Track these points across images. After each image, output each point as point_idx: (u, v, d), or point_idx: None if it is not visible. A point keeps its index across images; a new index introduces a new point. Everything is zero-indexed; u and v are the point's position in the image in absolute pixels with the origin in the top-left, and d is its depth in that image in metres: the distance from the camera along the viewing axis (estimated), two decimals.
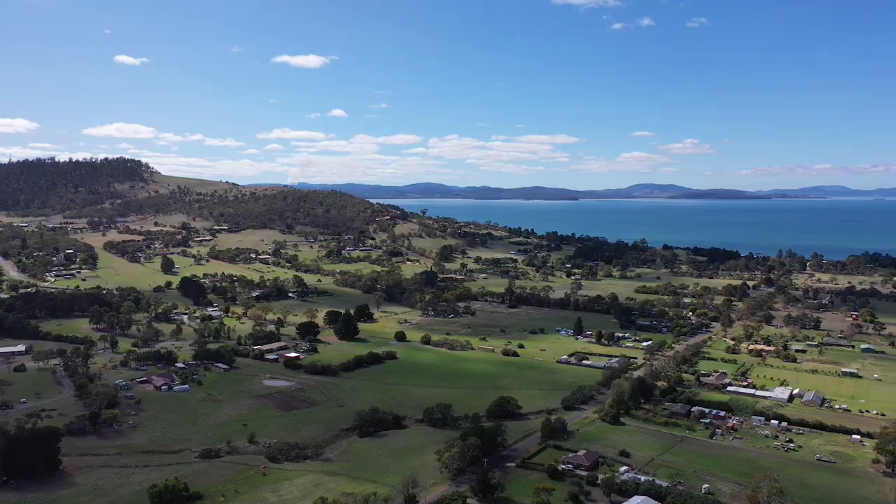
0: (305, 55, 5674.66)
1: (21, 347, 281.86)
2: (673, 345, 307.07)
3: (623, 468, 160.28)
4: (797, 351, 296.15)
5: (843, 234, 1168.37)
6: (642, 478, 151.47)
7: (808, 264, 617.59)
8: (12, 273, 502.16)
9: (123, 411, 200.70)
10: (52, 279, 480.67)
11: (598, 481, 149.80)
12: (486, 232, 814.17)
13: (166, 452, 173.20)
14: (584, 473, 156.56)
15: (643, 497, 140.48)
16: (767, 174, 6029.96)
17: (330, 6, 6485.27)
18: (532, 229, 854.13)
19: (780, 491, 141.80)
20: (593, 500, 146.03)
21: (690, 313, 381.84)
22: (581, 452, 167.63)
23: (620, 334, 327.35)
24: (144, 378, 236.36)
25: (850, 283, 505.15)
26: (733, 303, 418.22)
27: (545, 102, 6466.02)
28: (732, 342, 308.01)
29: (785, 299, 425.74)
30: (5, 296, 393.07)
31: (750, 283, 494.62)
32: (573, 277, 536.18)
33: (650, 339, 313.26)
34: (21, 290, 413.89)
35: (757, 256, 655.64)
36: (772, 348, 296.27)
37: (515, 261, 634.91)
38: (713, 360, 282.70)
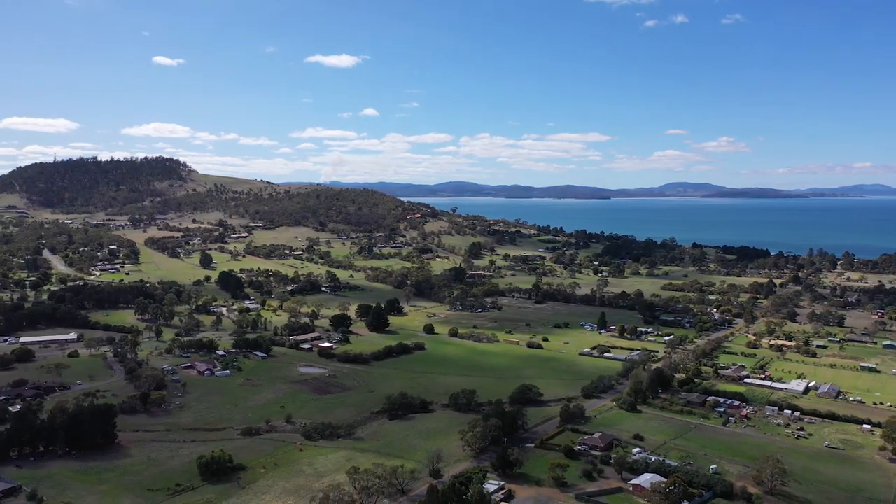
0: (338, 55, 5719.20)
1: (73, 335, 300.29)
2: (694, 339, 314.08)
3: (636, 450, 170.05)
4: (818, 347, 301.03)
5: (879, 234, 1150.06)
6: (653, 458, 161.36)
7: (838, 263, 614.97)
8: (60, 267, 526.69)
9: (170, 393, 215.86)
10: (98, 273, 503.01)
11: (611, 460, 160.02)
12: (514, 230, 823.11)
13: (211, 430, 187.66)
14: (598, 453, 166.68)
15: (652, 474, 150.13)
16: (805, 173, 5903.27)
17: (362, 6, 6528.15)
18: (561, 227, 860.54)
19: (783, 471, 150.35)
20: (606, 477, 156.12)
21: (714, 310, 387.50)
22: (596, 435, 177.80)
23: (643, 329, 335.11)
24: (188, 364, 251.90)
25: (879, 281, 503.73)
26: (759, 300, 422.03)
27: (577, 101, 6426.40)
28: (754, 338, 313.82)
29: (811, 297, 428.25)
30: (56, 288, 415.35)
31: (777, 282, 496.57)
32: (600, 275, 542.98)
33: (672, 334, 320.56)
34: (70, 283, 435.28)
35: (787, 255, 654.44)
36: (792, 344, 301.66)
37: (543, 258, 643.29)
38: (733, 354, 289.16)
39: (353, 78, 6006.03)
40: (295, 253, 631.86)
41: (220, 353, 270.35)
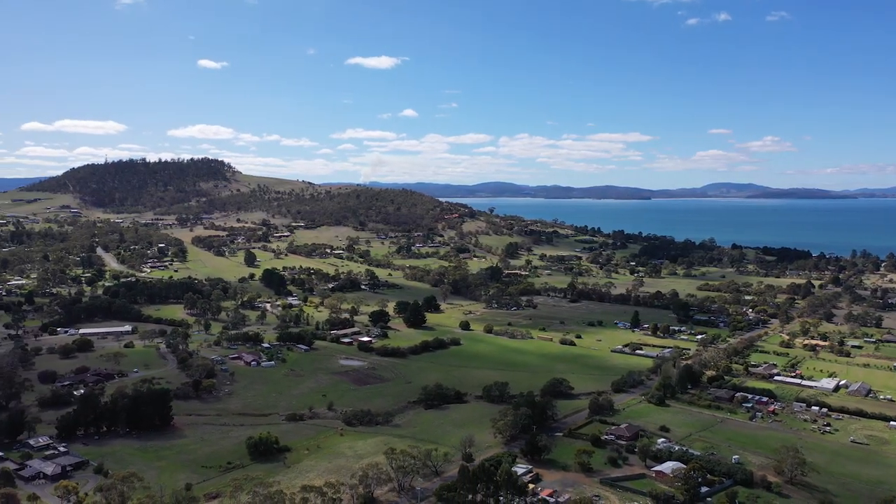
0: (378, 56, 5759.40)
1: (128, 328, 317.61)
2: (727, 339, 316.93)
3: (660, 440, 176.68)
4: (853, 347, 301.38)
5: None
6: (676, 447, 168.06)
7: (882, 265, 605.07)
8: (113, 264, 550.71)
9: (220, 381, 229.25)
10: (149, 270, 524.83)
11: (636, 449, 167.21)
12: (552, 230, 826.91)
13: (258, 415, 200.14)
14: (623, 443, 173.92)
15: (675, 462, 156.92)
16: (854, 173, 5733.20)
17: (401, 8, 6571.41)
18: (598, 228, 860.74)
19: (802, 462, 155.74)
20: (630, 464, 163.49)
21: (750, 310, 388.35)
22: (623, 425, 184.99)
23: (676, 328, 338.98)
24: (236, 355, 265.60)
25: None
26: (796, 301, 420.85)
27: (617, 100, 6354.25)
28: (787, 337, 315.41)
29: (850, 298, 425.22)
30: (110, 284, 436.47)
31: (816, 283, 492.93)
32: (636, 275, 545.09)
33: (704, 333, 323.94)
34: (123, 280, 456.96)
35: (829, 256, 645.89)
36: (826, 344, 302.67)
37: (580, 258, 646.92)
38: (765, 353, 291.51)
39: (392, 79, 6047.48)
40: (335, 252, 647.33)
41: (266, 345, 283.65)
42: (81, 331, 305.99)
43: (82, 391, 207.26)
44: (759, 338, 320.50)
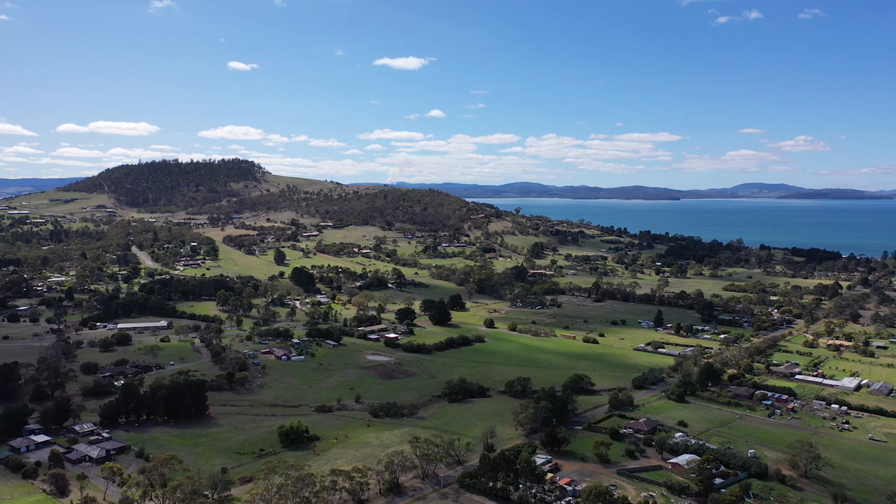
0: (405, 58, 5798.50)
1: (163, 323, 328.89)
2: (751, 338, 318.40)
3: (678, 434, 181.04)
4: (878, 347, 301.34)
5: None
6: (692, 441, 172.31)
7: None
8: (148, 262, 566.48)
9: (252, 374, 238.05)
10: (182, 268, 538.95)
11: (653, 442, 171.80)
12: (577, 230, 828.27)
13: (288, 406, 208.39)
14: (641, 436, 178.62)
15: (691, 455, 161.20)
16: (891, 172, 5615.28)
17: (428, 9, 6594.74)
18: (625, 228, 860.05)
19: (817, 457, 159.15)
20: (647, 456, 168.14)
21: (775, 310, 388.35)
22: (641, 420, 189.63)
23: (699, 327, 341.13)
24: (267, 350, 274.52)
25: None
26: (822, 302, 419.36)
27: (646, 100, 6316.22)
28: (812, 337, 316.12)
29: (878, 300, 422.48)
30: (145, 281, 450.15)
31: (844, 284, 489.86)
32: (661, 275, 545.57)
33: (728, 333, 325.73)
34: (157, 277, 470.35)
35: (859, 258, 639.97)
36: (851, 344, 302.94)
37: (605, 258, 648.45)
38: (788, 352, 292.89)
39: (419, 80, 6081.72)
40: (363, 251, 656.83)
41: (295, 340, 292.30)
42: (119, 326, 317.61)
43: (123, 382, 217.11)
44: (783, 338, 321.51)
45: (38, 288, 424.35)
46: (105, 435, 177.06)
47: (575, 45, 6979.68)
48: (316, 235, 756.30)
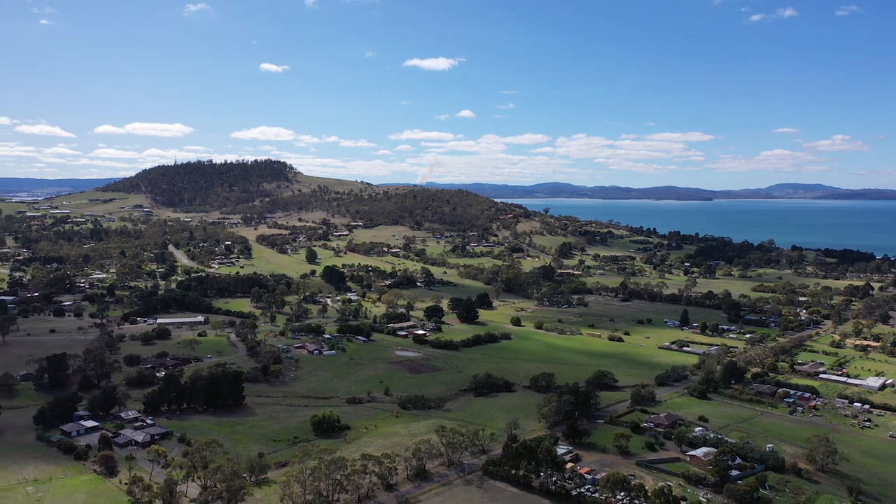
0: (435, 58, 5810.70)
1: (200, 318, 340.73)
2: (777, 338, 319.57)
3: (698, 428, 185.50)
4: None
5: None
6: (711, 435, 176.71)
7: None
8: (184, 260, 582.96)
9: (285, 367, 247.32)
10: (217, 266, 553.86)
11: (673, 436, 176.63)
12: (606, 230, 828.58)
13: (320, 398, 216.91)
14: (662, 430, 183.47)
15: (709, 448, 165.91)
16: None
17: (458, 10, 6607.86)
18: (654, 229, 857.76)
19: (834, 451, 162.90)
20: (667, 449, 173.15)
21: (803, 311, 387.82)
22: (662, 414, 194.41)
23: (725, 327, 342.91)
24: (299, 345, 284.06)
25: None
26: (852, 303, 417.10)
27: (678, 99, 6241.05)
28: (839, 338, 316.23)
29: None
30: (182, 278, 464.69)
31: (876, 285, 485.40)
32: (690, 275, 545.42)
33: (754, 332, 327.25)
34: (193, 275, 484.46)
35: (894, 259, 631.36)
36: (878, 344, 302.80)
37: (634, 258, 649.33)
38: (814, 352, 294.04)
39: (449, 80, 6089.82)
40: (392, 250, 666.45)
41: (327, 336, 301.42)
42: (159, 320, 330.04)
43: (164, 372, 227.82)
44: (810, 338, 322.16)
45: (81, 284, 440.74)
46: (149, 421, 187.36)
47: (604, 45, 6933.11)
48: (346, 235, 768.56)
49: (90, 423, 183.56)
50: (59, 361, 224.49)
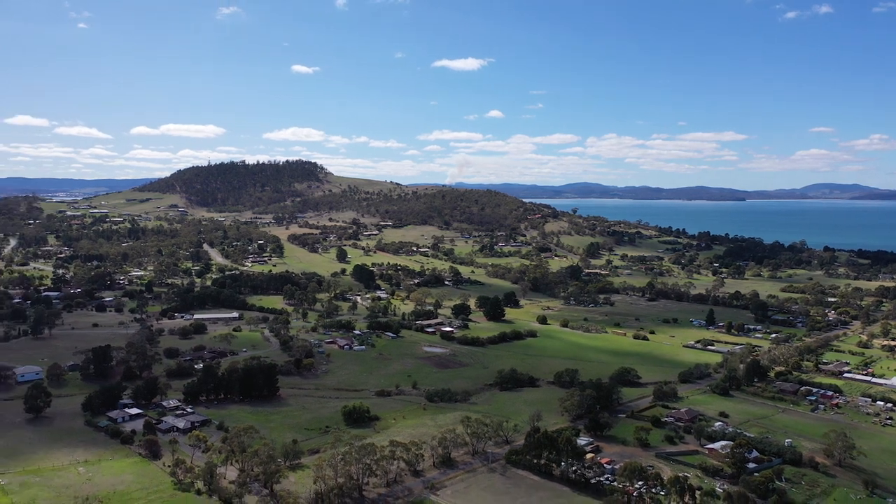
0: (464, 59, 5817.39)
1: (235, 314, 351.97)
2: (803, 338, 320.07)
3: (717, 423, 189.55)
4: None
5: None
6: (730, 429, 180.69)
7: None
8: (218, 259, 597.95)
9: (317, 361, 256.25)
10: (250, 264, 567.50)
11: (692, 430, 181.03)
12: (634, 231, 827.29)
13: (351, 390, 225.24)
14: (682, 424, 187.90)
15: (728, 441, 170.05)
16: None
17: (487, 10, 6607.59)
18: (683, 229, 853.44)
19: (851, 446, 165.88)
20: (686, 442, 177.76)
21: (832, 311, 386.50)
22: (683, 409, 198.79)
23: (751, 326, 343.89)
24: (330, 340, 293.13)
25: None
26: (883, 303, 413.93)
27: (710, 99, 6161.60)
28: (866, 338, 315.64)
29: None
30: (217, 276, 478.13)
31: None
32: (718, 276, 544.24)
33: (780, 332, 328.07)
34: (227, 273, 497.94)
35: None
36: None
37: (662, 259, 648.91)
38: (840, 352, 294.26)
39: (478, 81, 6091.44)
40: (421, 250, 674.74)
41: (357, 332, 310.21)
42: (196, 316, 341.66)
43: (202, 365, 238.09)
44: (837, 338, 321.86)
45: (121, 281, 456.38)
46: (189, 410, 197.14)
47: (635, 44, 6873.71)
48: (376, 234, 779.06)
49: (134, 411, 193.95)
50: (103, 353, 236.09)
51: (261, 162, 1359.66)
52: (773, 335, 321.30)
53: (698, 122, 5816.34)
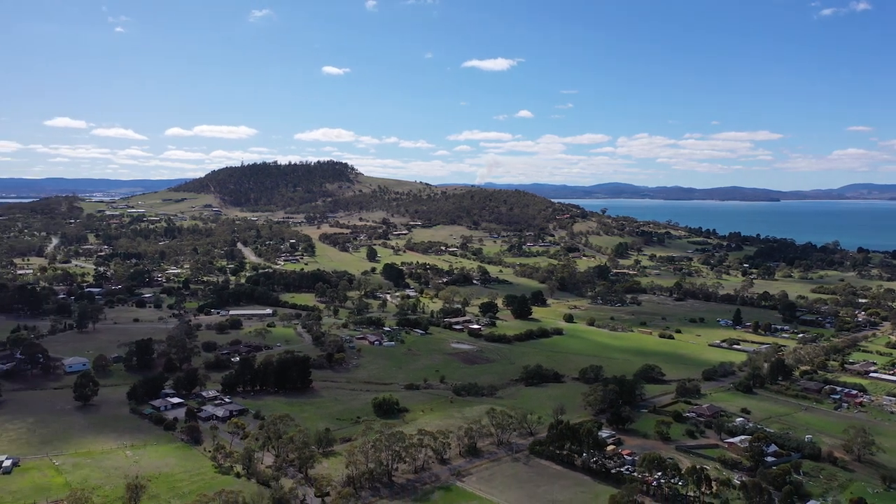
0: (494, 59, 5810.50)
1: (269, 311, 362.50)
2: (831, 338, 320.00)
3: (738, 419, 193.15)
4: None
5: None
6: (751, 424, 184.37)
7: None
8: (252, 257, 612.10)
9: (348, 356, 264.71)
10: (282, 263, 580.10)
11: (713, 425, 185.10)
12: (664, 231, 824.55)
13: (380, 384, 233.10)
14: (703, 419, 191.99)
15: (748, 436, 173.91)
16: None
17: (517, 10, 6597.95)
18: (714, 230, 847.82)
19: (871, 442, 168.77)
20: (706, 437, 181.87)
21: (861, 312, 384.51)
22: (705, 405, 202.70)
23: (778, 326, 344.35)
24: (361, 336, 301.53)
25: None
26: None
27: (744, 97, 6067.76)
28: (895, 339, 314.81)
29: None
30: (250, 274, 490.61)
31: None
32: (747, 276, 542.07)
33: (807, 332, 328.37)
34: (261, 271, 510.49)
35: None
36: None
37: (691, 259, 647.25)
38: (868, 352, 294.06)
39: (508, 81, 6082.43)
40: (450, 249, 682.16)
41: (386, 328, 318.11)
42: (231, 312, 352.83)
43: (238, 358, 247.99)
44: (865, 339, 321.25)
45: (158, 278, 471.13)
46: (227, 400, 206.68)
47: (667, 43, 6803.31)
48: (405, 234, 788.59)
49: (175, 400, 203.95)
50: (146, 346, 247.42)
51: (292, 163, 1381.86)
52: (800, 335, 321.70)
53: (732, 122, 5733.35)
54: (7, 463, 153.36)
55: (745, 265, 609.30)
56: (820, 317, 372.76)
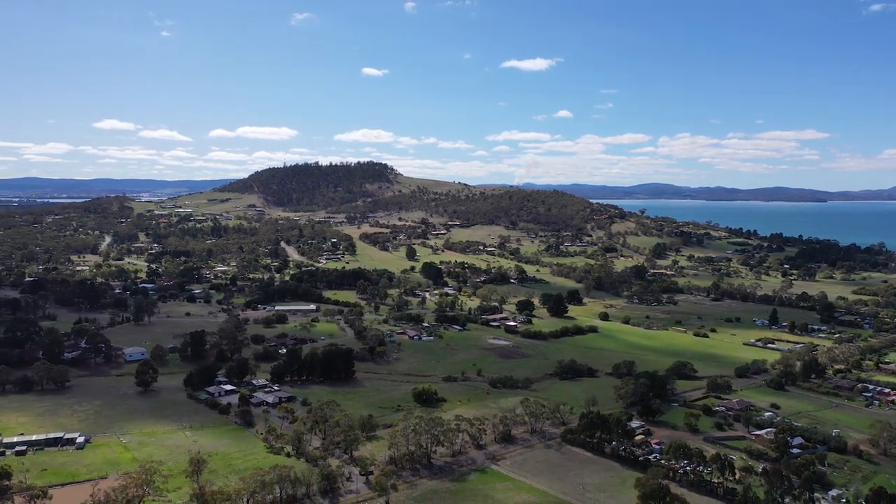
0: (533, 59, 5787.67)
1: (312, 307, 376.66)
2: (868, 339, 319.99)
3: (767, 413, 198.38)
4: None
5: None
6: (778, 418, 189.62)
7: None
8: (295, 255, 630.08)
9: (389, 349, 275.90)
10: (324, 261, 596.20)
11: (741, 418, 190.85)
12: (703, 232, 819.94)
13: (420, 376, 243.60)
14: (732, 413, 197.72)
15: (774, 429, 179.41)
16: None
17: (556, 10, 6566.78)
18: (755, 230, 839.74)
19: None
20: (734, 429, 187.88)
21: None
22: (734, 400, 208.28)
23: (815, 327, 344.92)
24: (401, 331, 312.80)
25: None
26: None
27: (789, 96, 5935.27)
28: None
29: None
30: (294, 272, 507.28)
31: None
32: (787, 277, 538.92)
33: (844, 332, 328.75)
34: (304, 268, 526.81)
35: None
36: None
37: (730, 260, 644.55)
38: None
39: (547, 81, 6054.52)
40: (487, 249, 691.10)
41: (425, 324, 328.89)
42: (276, 308, 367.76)
43: (285, 349, 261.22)
44: None
45: (207, 275, 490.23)
46: (275, 388, 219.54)
47: (709, 41, 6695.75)
48: (444, 234, 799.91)
49: (228, 387, 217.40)
50: (199, 337, 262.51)
51: (333, 163, 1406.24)
52: (837, 335, 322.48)
53: (777, 121, 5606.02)
54: (80, 440, 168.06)
55: (785, 266, 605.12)
56: (859, 318, 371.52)
